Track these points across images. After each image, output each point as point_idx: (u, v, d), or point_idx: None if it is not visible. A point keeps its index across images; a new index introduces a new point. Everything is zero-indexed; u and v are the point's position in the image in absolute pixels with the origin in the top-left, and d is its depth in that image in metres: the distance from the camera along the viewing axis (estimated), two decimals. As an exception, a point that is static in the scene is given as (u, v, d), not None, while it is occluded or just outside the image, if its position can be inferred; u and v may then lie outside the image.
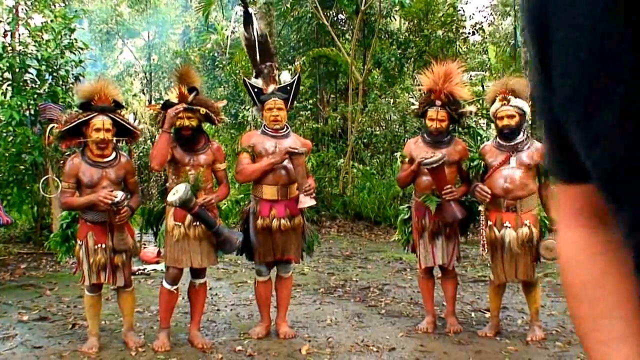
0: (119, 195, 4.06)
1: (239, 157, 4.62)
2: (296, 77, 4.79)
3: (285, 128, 4.71)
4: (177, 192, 4.13)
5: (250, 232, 4.60)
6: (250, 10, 4.83)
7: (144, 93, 23.45)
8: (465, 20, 15.44)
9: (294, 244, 4.68)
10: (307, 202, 4.43)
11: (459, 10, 15.43)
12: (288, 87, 4.72)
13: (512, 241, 4.46)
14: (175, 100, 4.37)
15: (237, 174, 4.59)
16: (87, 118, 4.19)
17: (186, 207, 4.18)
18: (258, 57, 4.77)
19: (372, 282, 6.85)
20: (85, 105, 4.26)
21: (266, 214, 4.53)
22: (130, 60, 28.45)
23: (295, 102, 4.92)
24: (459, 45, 15.34)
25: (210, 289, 5.83)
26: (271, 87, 4.69)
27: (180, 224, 4.34)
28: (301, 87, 11.76)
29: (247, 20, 4.81)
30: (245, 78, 4.93)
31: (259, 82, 4.74)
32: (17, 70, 7.96)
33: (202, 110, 4.44)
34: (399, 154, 5.01)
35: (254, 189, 4.67)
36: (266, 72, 4.75)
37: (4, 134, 8.11)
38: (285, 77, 4.80)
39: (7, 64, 7.79)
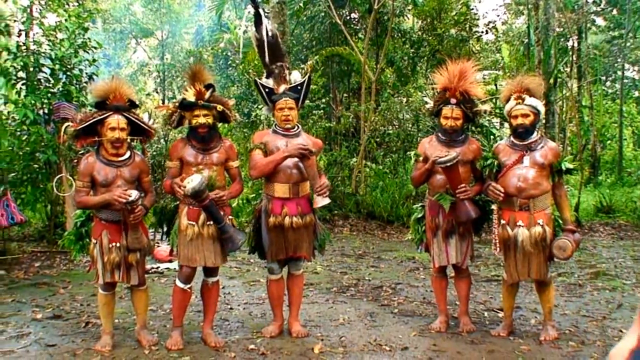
0: (134, 194, 4.05)
1: (251, 154, 4.60)
2: (307, 76, 4.78)
3: (296, 127, 4.70)
4: (192, 181, 4.13)
5: (262, 230, 4.61)
6: (261, 10, 4.82)
7: (157, 92, 23.62)
8: (478, 19, 15.41)
9: (306, 241, 4.68)
10: (320, 201, 4.41)
11: (472, 9, 15.40)
12: (299, 87, 4.71)
13: (525, 240, 4.44)
14: (192, 99, 4.36)
15: (252, 169, 4.56)
16: (102, 117, 4.19)
17: (198, 197, 4.17)
18: (269, 57, 4.76)
19: (385, 281, 6.84)
20: (100, 104, 4.27)
21: (278, 211, 4.53)
22: (143, 59, 28.63)
23: (306, 101, 4.90)
24: (472, 44, 15.28)
25: (223, 287, 5.86)
26: (282, 87, 4.67)
27: (194, 223, 4.33)
28: (314, 86, 11.80)
29: (258, 20, 4.80)
30: (256, 78, 4.93)
31: (269, 82, 4.73)
32: (31, 69, 8.03)
33: (219, 107, 4.44)
34: (412, 152, 4.99)
35: (265, 187, 4.67)
36: (277, 72, 4.74)
37: (18, 133, 8.18)
38: (296, 76, 4.79)
39: (22, 63, 7.86)
